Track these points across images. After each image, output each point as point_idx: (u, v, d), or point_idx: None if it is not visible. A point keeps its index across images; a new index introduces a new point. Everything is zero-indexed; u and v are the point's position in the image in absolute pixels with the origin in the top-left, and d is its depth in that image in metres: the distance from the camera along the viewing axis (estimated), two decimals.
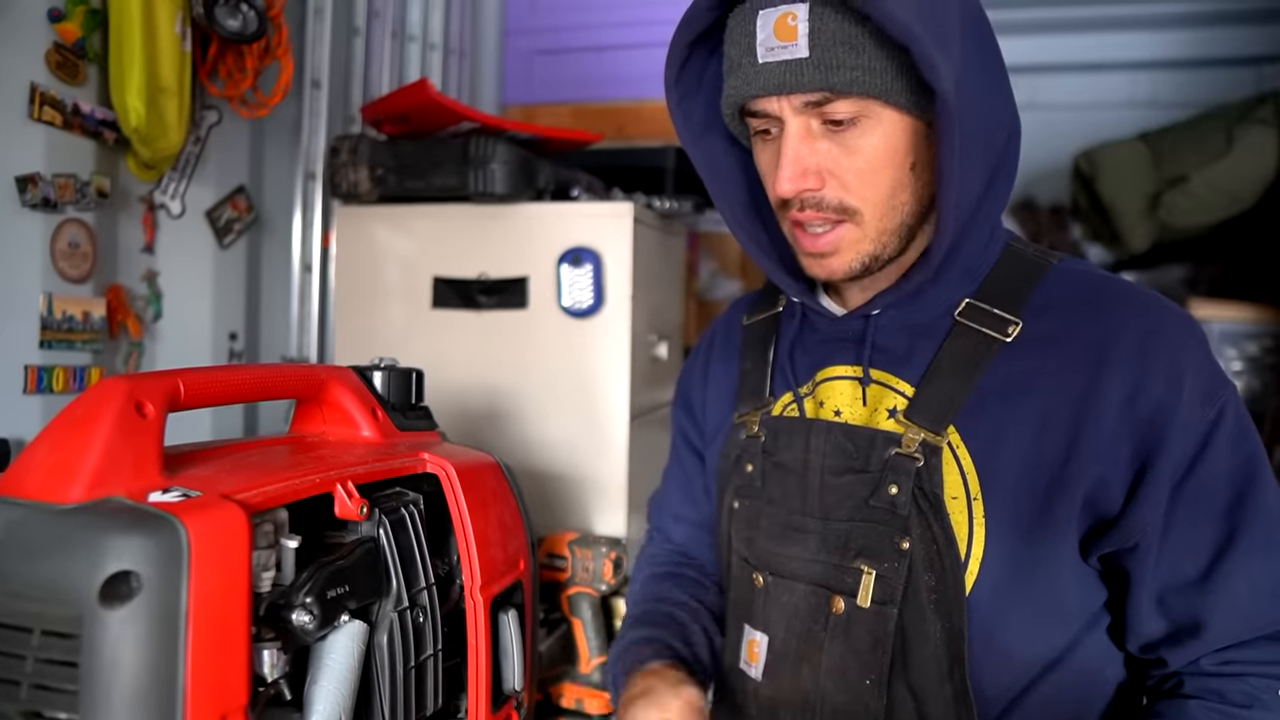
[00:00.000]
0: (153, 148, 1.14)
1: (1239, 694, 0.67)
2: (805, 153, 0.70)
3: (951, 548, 0.70)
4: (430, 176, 1.32)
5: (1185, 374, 0.68)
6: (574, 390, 1.32)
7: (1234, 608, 0.67)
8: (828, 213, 0.72)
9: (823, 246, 0.73)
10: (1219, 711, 0.67)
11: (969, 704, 0.70)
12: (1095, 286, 0.74)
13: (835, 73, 0.66)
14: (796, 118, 0.70)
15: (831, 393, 0.79)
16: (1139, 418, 0.67)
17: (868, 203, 0.71)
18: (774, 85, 0.68)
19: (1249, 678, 0.68)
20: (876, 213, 0.72)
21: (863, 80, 0.66)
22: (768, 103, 0.70)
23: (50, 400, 1.07)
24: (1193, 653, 0.69)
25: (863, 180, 0.70)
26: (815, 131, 0.70)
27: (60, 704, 0.50)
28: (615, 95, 2.09)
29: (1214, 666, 0.69)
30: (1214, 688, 0.68)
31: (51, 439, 0.58)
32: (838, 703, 0.74)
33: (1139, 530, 0.68)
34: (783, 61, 0.68)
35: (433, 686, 0.76)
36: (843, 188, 0.71)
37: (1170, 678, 0.72)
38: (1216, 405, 0.68)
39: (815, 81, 0.67)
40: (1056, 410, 0.69)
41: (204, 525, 0.54)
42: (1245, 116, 1.96)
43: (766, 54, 0.68)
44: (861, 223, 0.72)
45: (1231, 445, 0.68)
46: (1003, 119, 0.72)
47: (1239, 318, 1.89)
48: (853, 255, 0.73)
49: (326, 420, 0.85)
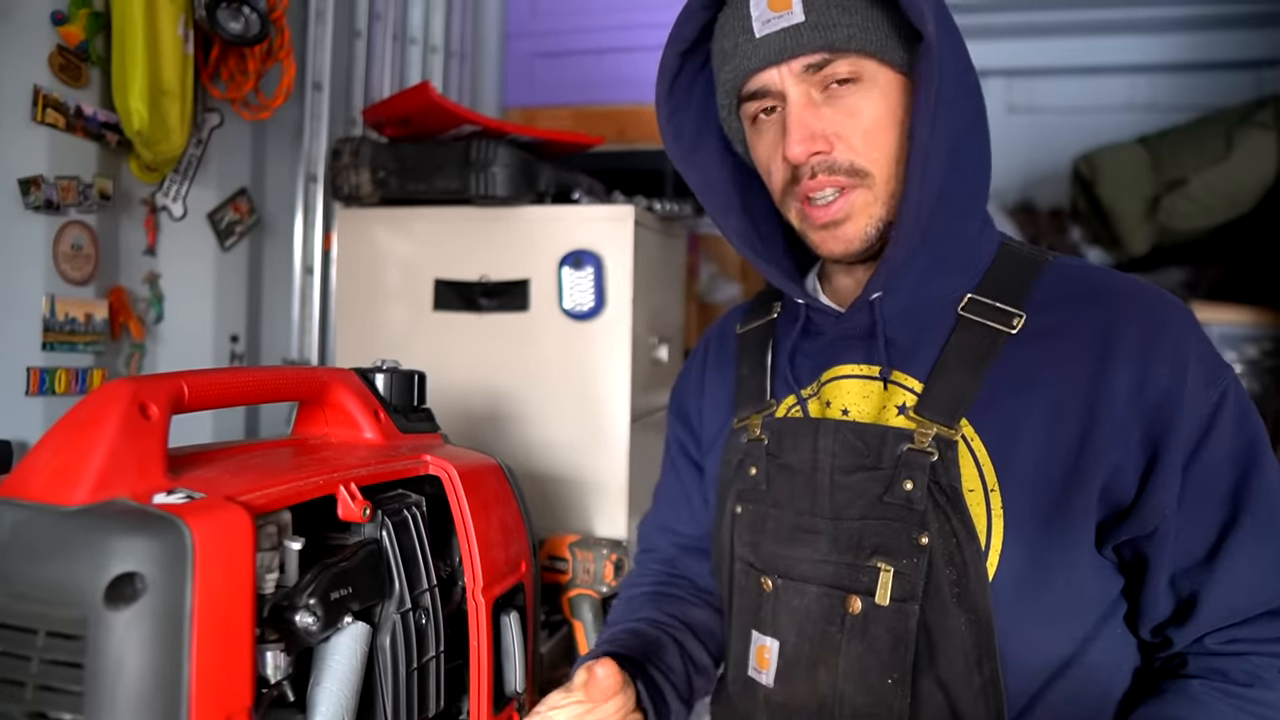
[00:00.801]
0: (155, 150, 1.14)
1: (1241, 673, 0.68)
2: (810, 118, 0.72)
3: (972, 541, 0.70)
4: (432, 179, 1.32)
5: (1189, 360, 0.69)
6: (575, 392, 1.33)
7: (1237, 585, 0.68)
8: (839, 176, 0.73)
9: (834, 212, 0.74)
10: (1221, 690, 0.68)
11: (999, 695, 0.70)
12: (1094, 281, 0.76)
13: (833, 31, 0.70)
14: (798, 86, 0.72)
15: (838, 392, 0.79)
16: (1147, 403, 0.69)
17: (876, 164, 0.73)
18: (775, 53, 0.72)
19: (1251, 656, 0.69)
20: (885, 174, 0.74)
21: (859, 37, 0.71)
22: (768, 75, 0.73)
23: (52, 402, 1.07)
24: (1196, 630, 0.70)
25: (869, 141, 0.73)
26: (817, 99, 0.73)
27: (65, 705, 0.51)
28: (616, 98, 2.10)
29: (1218, 645, 0.70)
30: (1217, 666, 0.69)
31: (56, 441, 0.58)
32: (858, 704, 0.74)
33: (1157, 515, 0.69)
34: (780, 30, 0.71)
35: (435, 688, 0.76)
36: (851, 150, 0.73)
37: (1174, 658, 0.73)
38: (1219, 389, 0.69)
39: (815, 42, 0.70)
40: (1067, 400, 0.70)
41: (208, 527, 0.54)
42: (1245, 120, 1.97)
43: (763, 27, 0.72)
44: (872, 185, 0.74)
45: (1235, 427, 0.69)
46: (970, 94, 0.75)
47: (1239, 321, 1.89)
48: (865, 220, 0.75)
49: (329, 422, 0.85)
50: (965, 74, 0.74)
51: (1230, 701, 0.67)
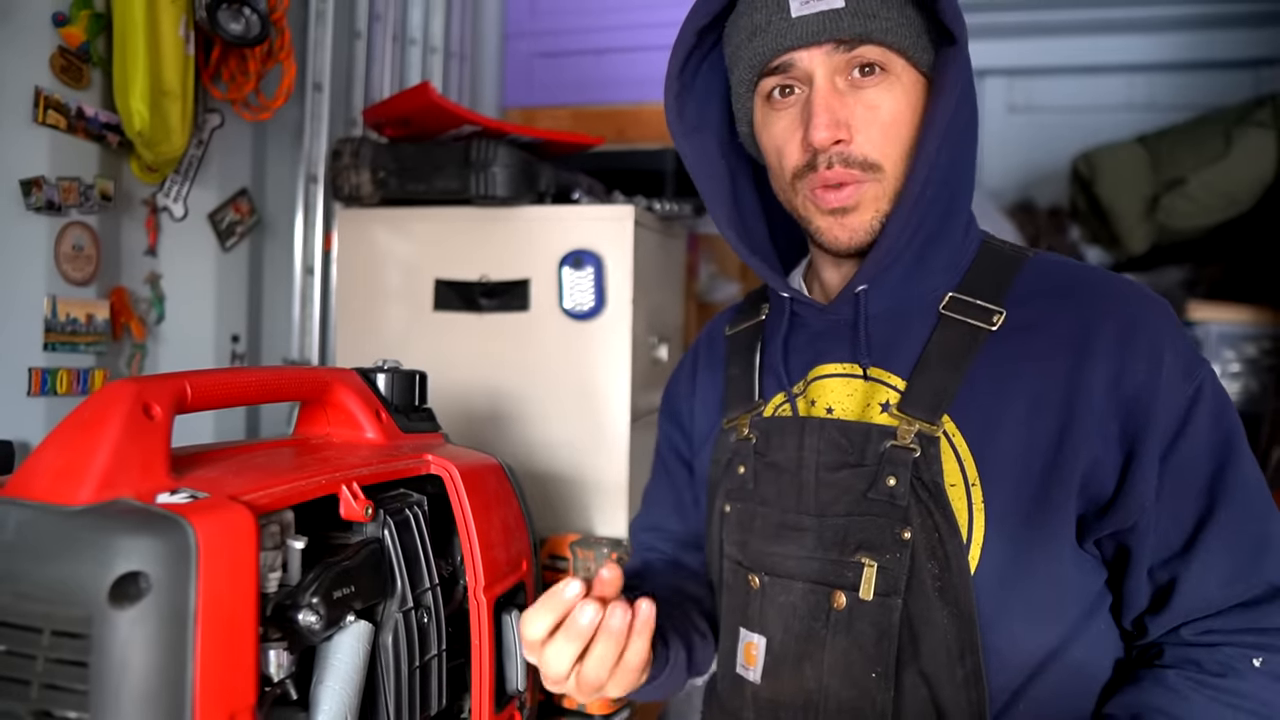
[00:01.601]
0: (156, 151, 1.14)
1: (1214, 664, 0.69)
2: (836, 104, 0.73)
3: (954, 535, 0.70)
4: (432, 179, 1.32)
5: (1164, 354, 0.70)
6: (575, 392, 1.33)
7: (1211, 577, 0.69)
8: (854, 169, 0.74)
9: (845, 199, 0.75)
10: (1195, 680, 0.68)
11: (982, 688, 0.70)
12: (1073, 276, 0.76)
13: (872, 20, 0.71)
14: (825, 69, 0.73)
15: (823, 391, 0.80)
16: (1124, 396, 0.69)
17: (889, 159, 0.74)
18: (811, 34, 0.72)
19: (1224, 647, 0.69)
20: (896, 171, 0.74)
21: (895, 31, 0.71)
22: (799, 55, 0.73)
23: (54, 402, 1.07)
24: (1171, 620, 0.71)
25: (887, 136, 0.73)
26: (841, 87, 0.73)
27: (70, 704, 0.51)
28: (615, 98, 2.10)
29: (1193, 636, 0.70)
30: (1191, 657, 0.70)
31: (60, 440, 0.58)
32: (842, 699, 0.74)
33: (1136, 508, 0.69)
34: (819, 13, 0.71)
35: (437, 687, 0.76)
36: (869, 142, 0.73)
37: (1151, 647, 0.73)
38: (1195, 382, 0.70)
39: (854, 28, 0.71)
40: (1046, 395, 0.71)
41: (212, 526, 0.54)
42: (1243, 119, 1.97)
43: (802, 6, 0.72)
44: (883, 179, 0.74)
45: (1211, 420, 0.70)
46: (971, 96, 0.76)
47: (1237, 320, 1.89)
48: (872, 213, 0.75)
49: (331, 422, 0.86)
50: (972, 79, 0.75)
51: (1204, 692, 0.68)
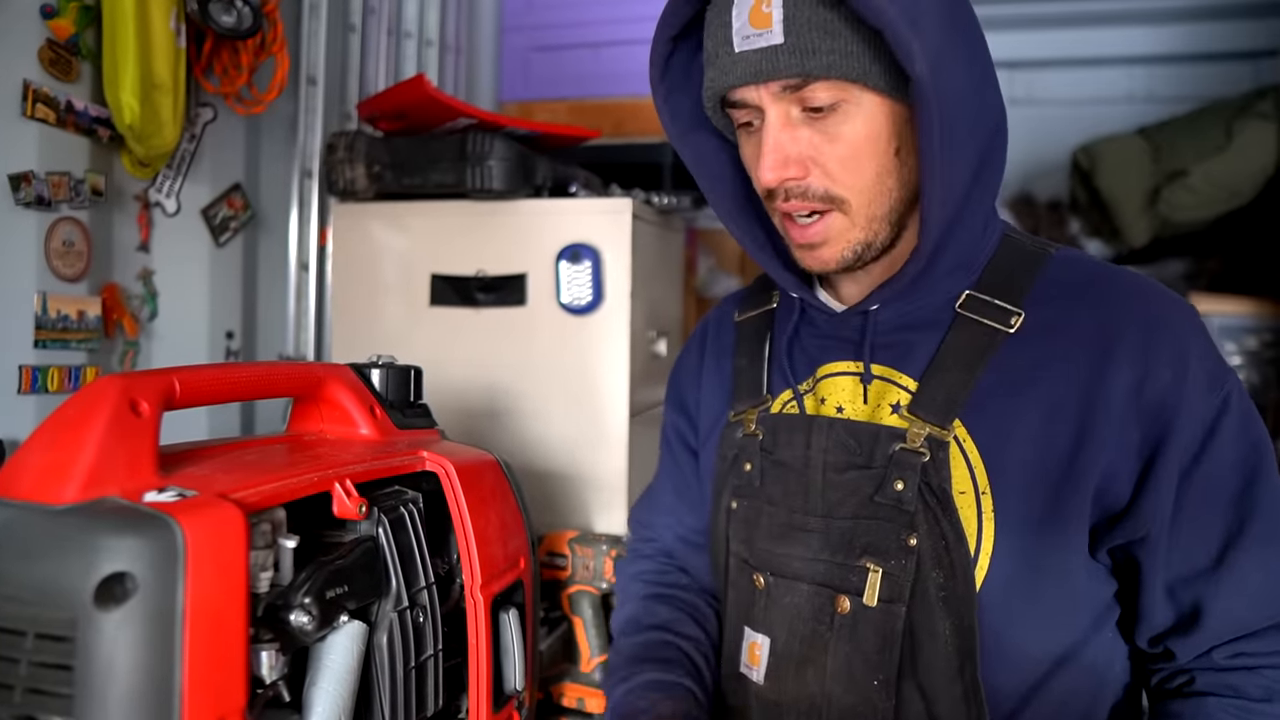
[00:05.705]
0: (147, 145, 1.13)
1: (1256, 688, 0.66)
2: (786, 140, 0.70)
3: (961, 544, 0.69)
4: (427, 173, 1.31)
5: (1190, 361, 0.67)
6: (573, 387, 1.32)
7: (1243, 596, 0.67)
8: (814, 202, 0.71)
9: (811, 236, 0.73)
10: (1238, 707, 0.66)
11: (980, 703, 0.69)
12: (1096, 276, 0.74)
13: (811, 58, 0.66)
14: (776, 106, 0.69)
15: (833, 389, 0.78)
16: (1146, 404, 0.67)
17: (853, 190, 0.71)
18: (751, 74, 0.68)
19: (1264, 670, 0.67)
20: (863, 199, 0.71)
21: (839, 64, 0.66)
22: (746, 92, 0.70)
23: (45, 400, 1.06)
24: (1202, 643, 0.68)
25: (846, 167, 0.70)
26: (796, 119, 0.70)
27: (55, 708, 0.50)
28: (612, 91, 2.09)
29: (1226, 660, 0.68)
30: (1230, 682, 0.67)
31: (45, 438, 0.57)
32: (844, 705, 0.73)
33: (1149, 520, 0.67)
34: (759, 49, 0.67)
35: (433, 687, 0.75)
36: (826, 176, 0.70)
37: (1180, 674, 0.71)
38: (1222, 392, 0.68)
39: (791, 67, 0.67)
40: (1064, 400, 0.69)
41: (200, 525, 0.53)
42: (1244, 111, 1.96)
43: (742, 42, 0.68)
44: (849, 210, 0.71)
45: (1238, 432, 0.68)
46: (988, 109, 0.71)
47: (1238, 312, 1.89)
48: (843, 245, 0.73)
49: (324, 418, 0.84)
50: (983, 84, 0.70)
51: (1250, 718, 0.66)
